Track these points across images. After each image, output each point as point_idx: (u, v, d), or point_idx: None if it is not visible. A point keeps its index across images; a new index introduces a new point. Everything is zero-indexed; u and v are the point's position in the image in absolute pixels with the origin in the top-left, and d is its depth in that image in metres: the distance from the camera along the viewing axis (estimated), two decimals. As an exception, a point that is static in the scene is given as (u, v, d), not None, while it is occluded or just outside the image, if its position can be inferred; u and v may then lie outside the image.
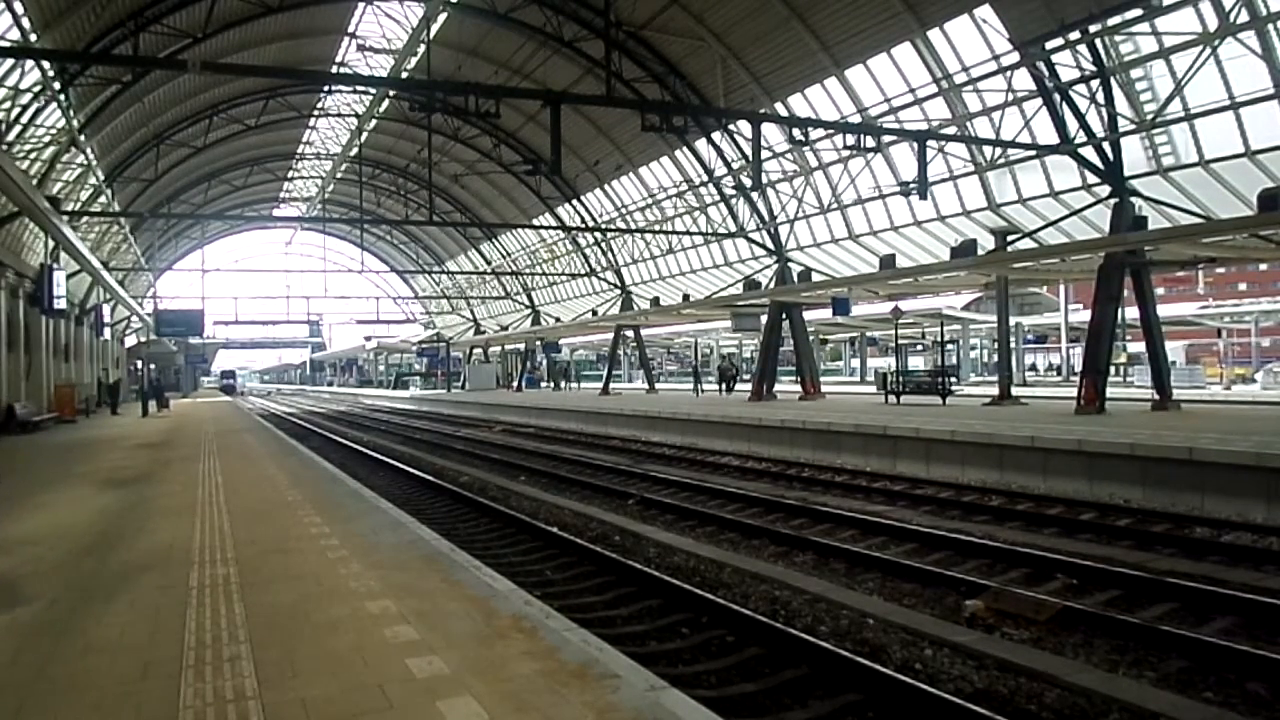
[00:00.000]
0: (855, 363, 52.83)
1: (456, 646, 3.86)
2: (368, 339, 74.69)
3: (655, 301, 33.40)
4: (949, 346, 35.21)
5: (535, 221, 39.54)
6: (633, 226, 34.32)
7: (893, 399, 22.41)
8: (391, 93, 30.59)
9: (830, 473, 13.64)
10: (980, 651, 5.34)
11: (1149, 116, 16.61)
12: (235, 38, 25.22)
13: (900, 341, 34.80)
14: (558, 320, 44.77)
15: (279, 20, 25.55)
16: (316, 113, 37.95)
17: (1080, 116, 16.98)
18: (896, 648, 5.50)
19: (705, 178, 28.78)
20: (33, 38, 17.14)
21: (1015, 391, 21.07)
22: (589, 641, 3.95)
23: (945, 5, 18.50)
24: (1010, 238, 19.66)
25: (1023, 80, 17.89)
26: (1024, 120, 18.05)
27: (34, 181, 19.56)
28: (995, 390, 21.14)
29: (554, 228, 37.86)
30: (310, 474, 10.79)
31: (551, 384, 50.20)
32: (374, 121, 37.30)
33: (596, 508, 11.18)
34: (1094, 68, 16.55)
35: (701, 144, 27.67)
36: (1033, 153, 18.86)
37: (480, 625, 4.19)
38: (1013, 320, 25.40)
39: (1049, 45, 16.60)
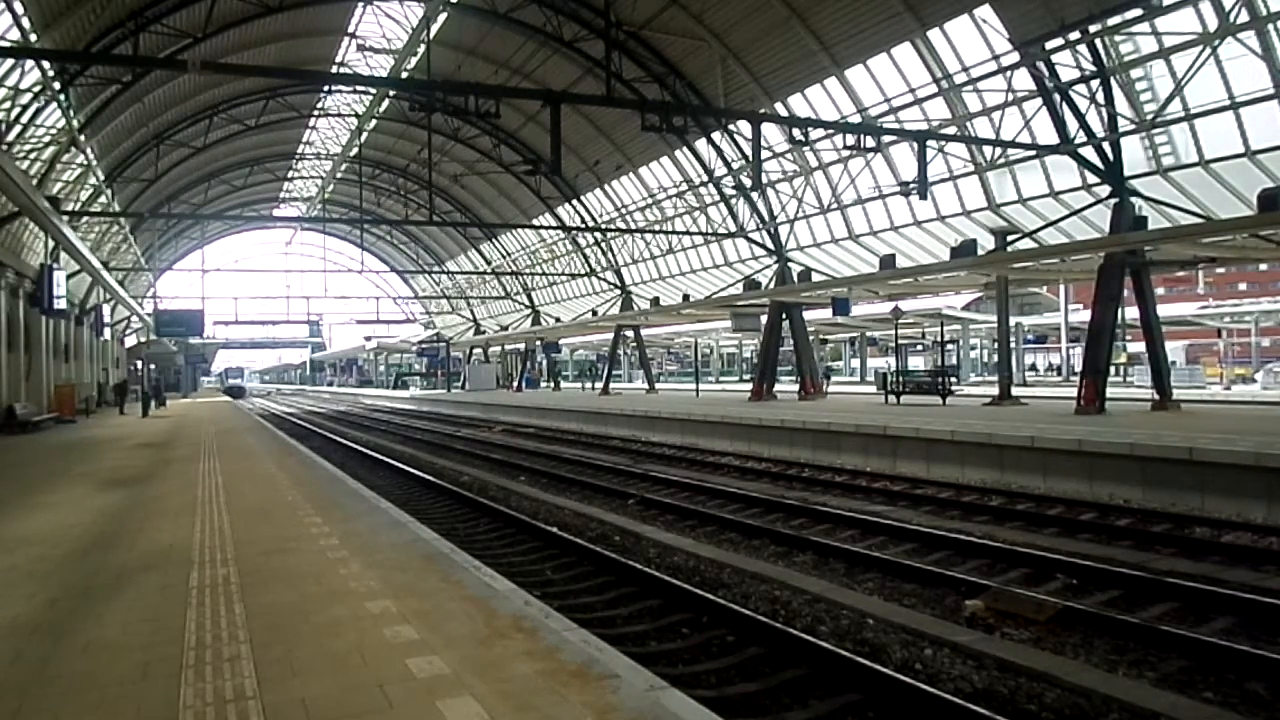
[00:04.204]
0: (855, 363, 52.84)
1: (456, 646, 3.86)
2: (368, 339, 74.70)
3: (655, 301, 33.42)
4: (949, 346, 35.22)
5: (535, 221, 39.54)
6: (633, 226, 34.33)
7: (893, 399, 22.41)
8: (391, 93, 30.61)
9: (830, 473, 13.64)
10: (980, 651, 5.34)
11: (1149, 116, 16.60)
12: (235, 38, 25.22)
13: (900, 341, 34.81)
14: (558, 320, 44.78)
15: (279, 20, 25.55)
16: (316, 113, 37.94)
17: (1080, 116, 16.98)
18: (896, 648, 5.50)
19: (705, 178, 28.78)
20: (33, 38, 17.14)
21: (1015, 391, 21.08)
22: (589, 641, 3.95)
23: (945, 5, 18.49)
24: (1010, 238, 19.67)
25: (1023, 80, 17.89)
26: (1024, 120, 18.05)
27: (34, 181, 19.56)
28: (995, 390, 21.15)
29: (554, 228, 37.86)
30: (310, 474, 10.79)
31: (551, 384, 50.21)
32: (374, 121, 37.32)
33: (597, 508, 11.18)
34: (1094, 68, 16.55)
35: (701, 144, 27.67)
36: (1033, 153, 18.86)
37: (480, 625, 4.19)
38: (1013, 320, 25.39)
39: (1049, 45, 16.60)
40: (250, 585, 5.04)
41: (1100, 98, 16.65)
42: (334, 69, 30.92)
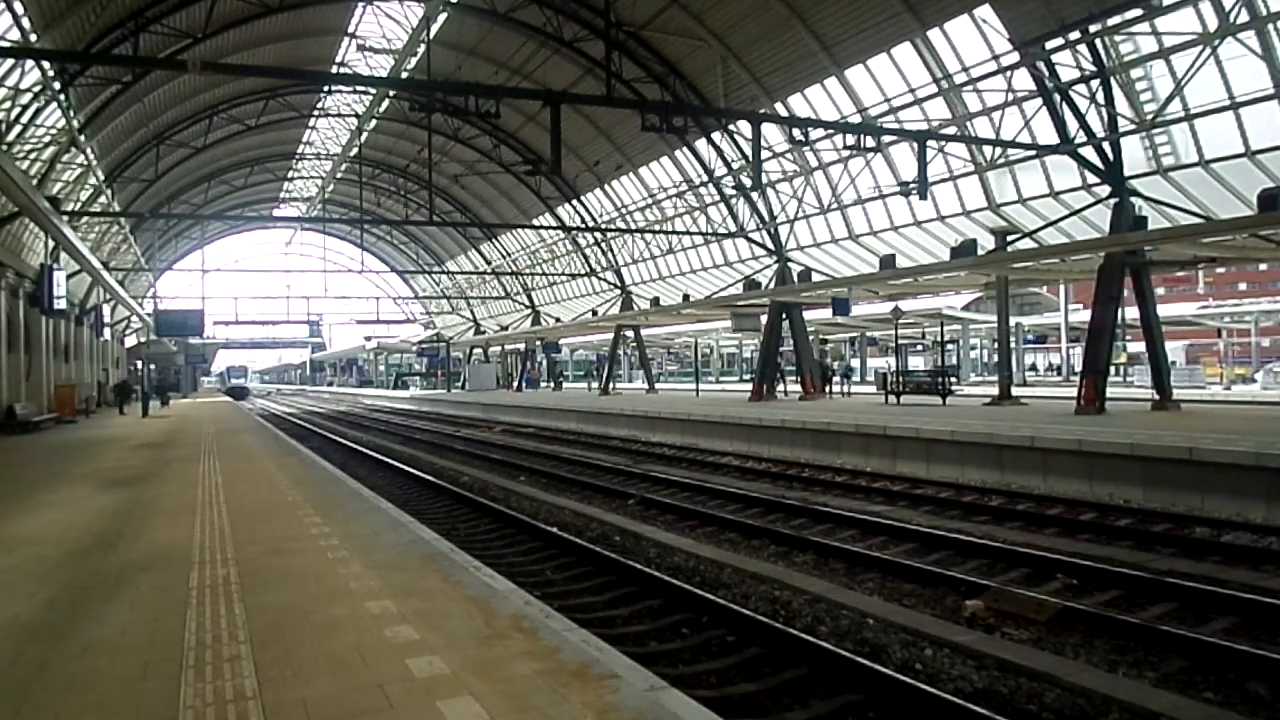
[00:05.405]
0: (855, 363, 52.81)
1: (456, 646, 3.86)
2: (368, 339, 74.68)
3: (655, 301, 33.40)
4: (949, 346, 35.22)
5: (535, 221, 39.54)
6: (633, 226, 34.32)
7: (893, 399, 22.41)
8: (391, 93, 30.60)
9: (830, 473, 13.63)
10: (980, 651, 5.34)
11: (1149, 116, 16.60)
12: (235, 38, 25.22)
13: (900, 341, 34.81)
14: (558, 320, 44.78)
15: (279, 20, 25.54)
16: (316, 113, 37.93)
17: (1080, 116, 16.97)
18: (897, 648, 5.50)
19: (705, 178, 28.76)
20: (33, 38, 17.14)
21: (1015, 391, 21.07)
22: (589, 641, 3.95)
23: (945, 5, 18.49)
24: (1010, 238, 19.66)
25: (1023, 80, 17.89)
26: (1024, 120, 18.04)
27: (34, 181, 19.55)
28: (995, 390, 21.14)
29: (554, 228, 37.86)
30: (310, 474, 10.79)
31: (552, 384, 50.21)
32: (374, 121, 37.31)
33: (597, 508, 11.18)
34: (1094, 68, 16.54)
35: (701, 144, 27.66)
36: (1033, 153, 18.85)
37: (480, 625, 4.19)
38: (1013, 320, 25.39)
39: (1049, 45, 16.59)
40: (250, 585, 5.04)
41: (1100, 98, 16.64)
42: (334, 69, 30.90)
